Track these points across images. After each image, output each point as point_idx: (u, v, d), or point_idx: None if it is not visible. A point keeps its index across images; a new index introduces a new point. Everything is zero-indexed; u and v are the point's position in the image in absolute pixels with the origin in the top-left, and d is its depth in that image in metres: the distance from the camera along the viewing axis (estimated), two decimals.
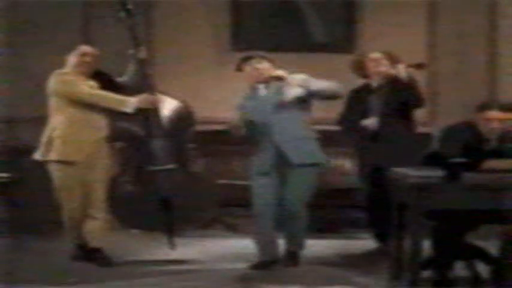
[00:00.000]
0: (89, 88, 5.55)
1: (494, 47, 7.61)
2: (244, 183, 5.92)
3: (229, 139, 5.63)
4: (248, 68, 5.59)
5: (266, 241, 5.53)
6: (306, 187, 5.50)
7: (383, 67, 5.93)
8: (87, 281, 5.12)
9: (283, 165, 5.45)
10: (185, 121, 5.82)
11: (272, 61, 5.62)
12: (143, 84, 5.63)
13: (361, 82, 6.10)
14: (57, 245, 5.94)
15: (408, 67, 5.83)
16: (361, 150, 6.04)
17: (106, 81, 5.63)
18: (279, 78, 5.52)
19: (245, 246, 5.86)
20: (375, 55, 5.99)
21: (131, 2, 5.69)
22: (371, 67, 5.98)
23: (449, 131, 5.05)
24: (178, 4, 7.65)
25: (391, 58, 5.97)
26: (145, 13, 7.27)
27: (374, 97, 5.94)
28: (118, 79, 5.72)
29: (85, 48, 5.67)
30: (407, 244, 4.72)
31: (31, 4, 7.51)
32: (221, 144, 7.01)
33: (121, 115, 5.58)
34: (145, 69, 5.66)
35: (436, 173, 4.48)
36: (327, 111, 5.87)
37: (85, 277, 5.19)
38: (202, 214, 5.79)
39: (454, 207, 4.55)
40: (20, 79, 7.33)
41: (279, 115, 5.45)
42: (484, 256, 4.94)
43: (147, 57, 5.73)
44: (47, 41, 7.27)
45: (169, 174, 5.63)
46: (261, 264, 5.49)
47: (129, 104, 5.51)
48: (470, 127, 4.98)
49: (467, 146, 4.61)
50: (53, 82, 5.56)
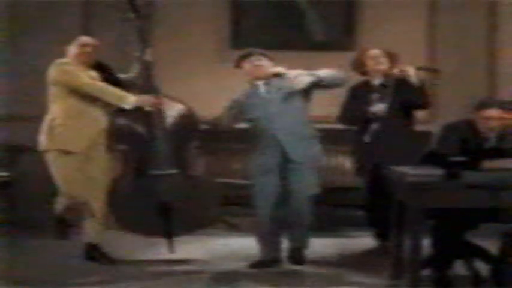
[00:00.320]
0: (89, 78, 5.55)
1: (494, 47, 7.61)
2: (244, 182, 5.91)
3: (229, 137, 5.62)
4: (247, 65, 5.59)
5: (267, 240, 5.53)
6: (310, 184, 5.48)
7: (382, 65, 5.93)
8: (87, 281, 5.12)
9: (285, 162, 5.44)
10: (189, 125, 5.75)
11: (271, 58, 5.61)
12: (147, 85, 5.61)
13: (360, 79, 6.10)
14: (57, 245, 5.93)
15: (419, 70, 5.84)
16: (359, 148, 6.03)
17: (107, 74, 5.63)
18: (279, 74, 5.52)
19: (246, 245, 5.86)
20: (374, 52, 5.99)
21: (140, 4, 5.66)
22: (370, 64, 5.98)
23: (448, 129, 5.04)
24: (178, 4, 7.65)
25: (390, 56, 5.99)
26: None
27: (377, 96, 5.92)
28: (121, 75, 5.72)
29: (85, 38, 5.69)
30: (407, 243, 4.72)
31: (31, 3, 7.52)
32: (221, 142, 7.00)
33: (125, 116, 5.57)
34: (150, 71, 5.64)
35: (436, 172, 4.47)
36: (327, 109, 5.86)
37: (85, 277, 5.19)
38: (202, 218, 5.72)
39: (454, 205, 4.54)
40: (21, 78, 7.34)
41: (281, 112, 5.44)
42: (484, 255, 4.93)
43: (153, 59, 5.68)
44: (47, 41, 7.26)
45: (170, 178, 5.59)
46: (261, 263, 5.49)
47: (128, 101, 5.49)
48: (469, 125, 4.99)
49: (466, 145, 4.60)
50: (53, 71, 5.56)
